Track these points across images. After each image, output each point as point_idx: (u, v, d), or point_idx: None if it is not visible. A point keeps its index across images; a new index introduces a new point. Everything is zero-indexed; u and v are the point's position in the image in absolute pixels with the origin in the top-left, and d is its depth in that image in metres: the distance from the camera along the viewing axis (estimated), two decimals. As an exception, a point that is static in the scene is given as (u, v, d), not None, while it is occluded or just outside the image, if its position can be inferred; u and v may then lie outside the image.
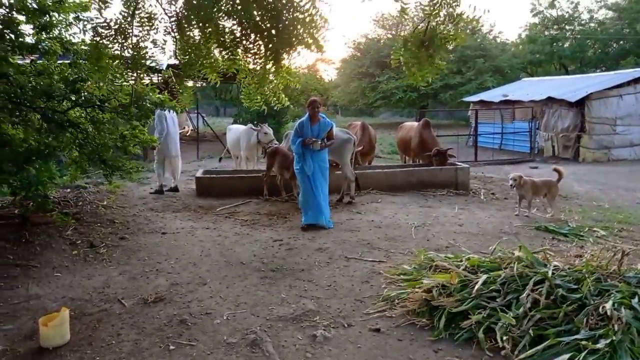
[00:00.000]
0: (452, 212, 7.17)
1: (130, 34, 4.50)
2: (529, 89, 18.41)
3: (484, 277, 3.68)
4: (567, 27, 33.96)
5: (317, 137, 6.52)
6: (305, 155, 6.54)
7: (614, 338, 2.98)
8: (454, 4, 3.94)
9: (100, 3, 4.26)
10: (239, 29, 4.40)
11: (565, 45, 33.52)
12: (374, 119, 35.62)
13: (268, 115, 17.02)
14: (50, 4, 5.10)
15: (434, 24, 4.05)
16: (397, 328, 3.55)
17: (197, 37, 4.56)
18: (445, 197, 8.35)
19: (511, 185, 6.94)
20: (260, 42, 4.39)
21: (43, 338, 3.35)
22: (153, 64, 4.89)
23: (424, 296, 3.72)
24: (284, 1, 4.20)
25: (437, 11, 3.94)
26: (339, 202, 7.88)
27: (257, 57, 4.51)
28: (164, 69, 5.58)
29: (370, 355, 3.22)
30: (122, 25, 4.41)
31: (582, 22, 33.99)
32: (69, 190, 8.03)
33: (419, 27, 4.26)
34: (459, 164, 9.66)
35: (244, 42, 4.43)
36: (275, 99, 5.04)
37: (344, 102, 35.28)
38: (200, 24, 4.32)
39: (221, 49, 4.53)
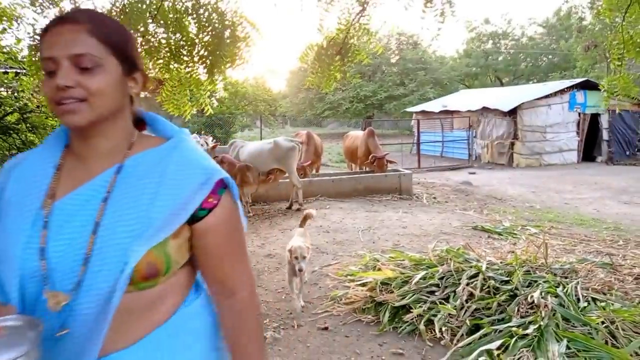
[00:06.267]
0: (396, 216, 7.44)
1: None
2: (466, 99, 19.36)
3: (422, 273, 3.90)
4: (501, 42, 36.09)
5: None
6: None
7: (541, 324, 3.24)
8: (366, 22, 4.26)
9: (40, 7, 4.19)
10: (174, 40, 4.50)
11: (499, 59, 35.57)
12: (322, 129, 36.06)
13: (215, 125, 16.90)
14: None
15: (349, 37, 4.36)
16: (344, 325, 3.68)
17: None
18: (390, 202, 8.65)
19: None
20: (195, 53, 4.51)
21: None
22: None
23: (368, 294, 3.88)
24: (226, 22, 4.36)
25: (352, 25, 4.24)
26: (288, 209, 7.99)
27: (191, 67, 4.63)
28: None
29: (319, 352, 3.32)
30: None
31: (515, 37, 36.24)
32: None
33: (336, 37, 4.56)
34: (403, 170, 10.03)
35: (182, 51, 4.52)
36: (206, 106, 5.17)
37: (293, 112, 35.52)
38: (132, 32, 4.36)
39: (155, 58, 4.59)
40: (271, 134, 20.90)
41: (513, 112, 15.44)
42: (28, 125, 5.09)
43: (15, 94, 5.15)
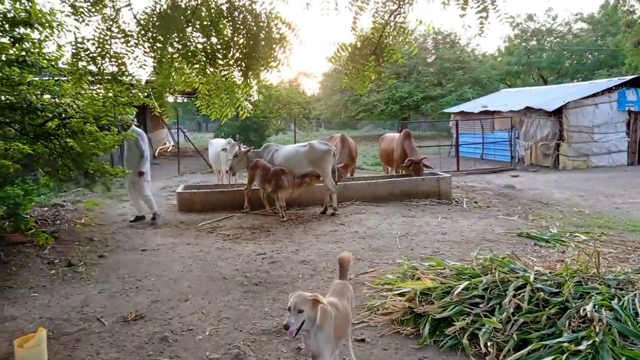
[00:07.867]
0: (435, 221, 7.20)
1: (109, 51, 4.51)
2: (508, 99, 18.73)
3: (465, 283, 3.69)
4: (545, 39, 34.87)
5: None
6: None
7: (595, 339, 3.00)
8: (401, 21, 4.09)
9: (80, 16, 4.26)
10: (209, 43, 4.49)
11: (543, 57, 34.36)
12: (357, 131, 35.85)
13: (250, 129, 17.02)
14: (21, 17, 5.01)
15: (384, 36, 4.21)
16: (382, 337, 3.53)
17: (170, 52, 4.62)
18: (428, 207, 8.39)
19: None
20: (230, 57, 4.49)
21: (18, 360, 3.18)
22: (133, 81, 4.92)
23: (407, 304, 3.70)
24: (261, 24, 4.31)
25: (388, 24, 4.09)
26: (323, 214, 7.87)
27: (226, 70, 4.61)
28: (143, 84, 5.59)
29: (355, 366, 3.18)
30: (101, 42, 4.42)
31: (560, 34, 34.94)
32: (46, 208, 7.87)
33: (370, 37, 4.41)
34: (441, 173, 9.74)
35: (217, 54, 4.51)
36: (241, 110, 5.17)
37: (327, 115, 35.47)
38: (170, 39, 4.38)
39: (193, 62, 4.59)
40: (305, 137, 20.89)
41: (558, 112, 14.80)
42: (67, 130, 5.19)
43: (56, 100, 5.26)
